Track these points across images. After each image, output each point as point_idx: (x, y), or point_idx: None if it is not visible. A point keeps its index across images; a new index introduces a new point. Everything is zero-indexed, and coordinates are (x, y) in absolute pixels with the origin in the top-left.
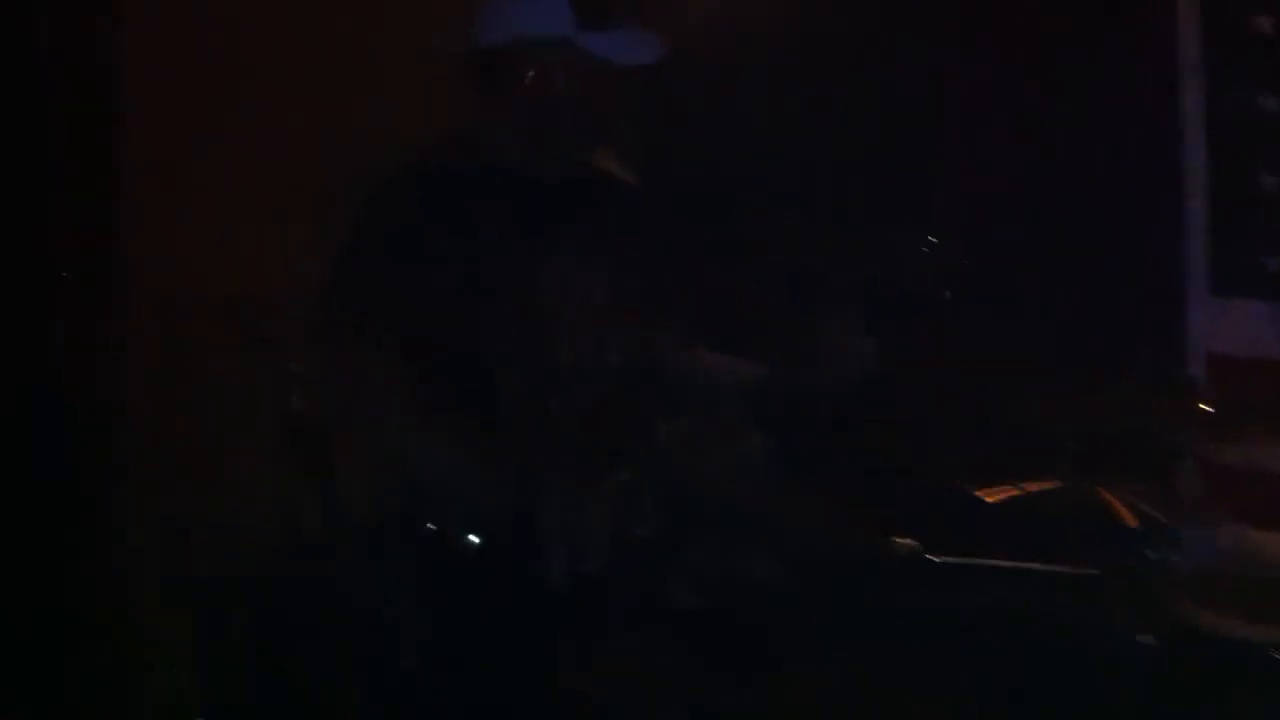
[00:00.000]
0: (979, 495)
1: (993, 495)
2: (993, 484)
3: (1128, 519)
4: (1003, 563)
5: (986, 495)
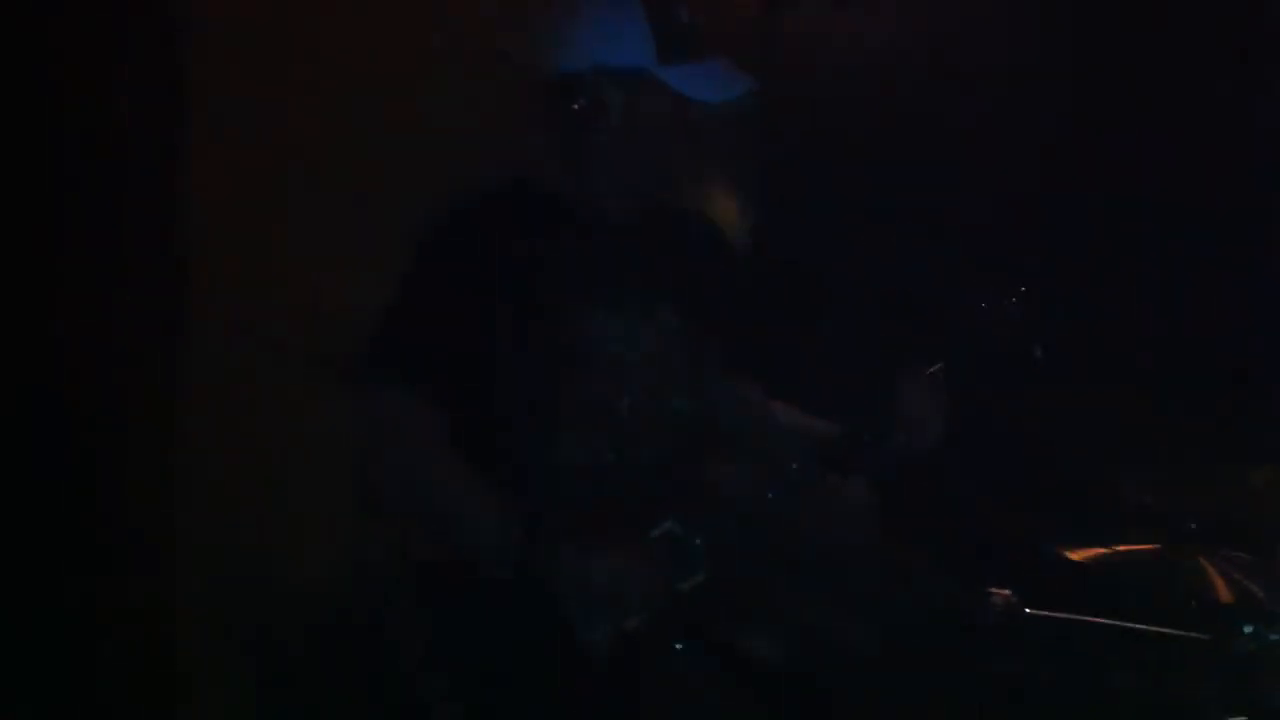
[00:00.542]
0: (1067, 553)
1: (1082, 553)
2: (1085, 543)
3: (1223, 592)
4: (1099, 619)
5: (1076, 553)
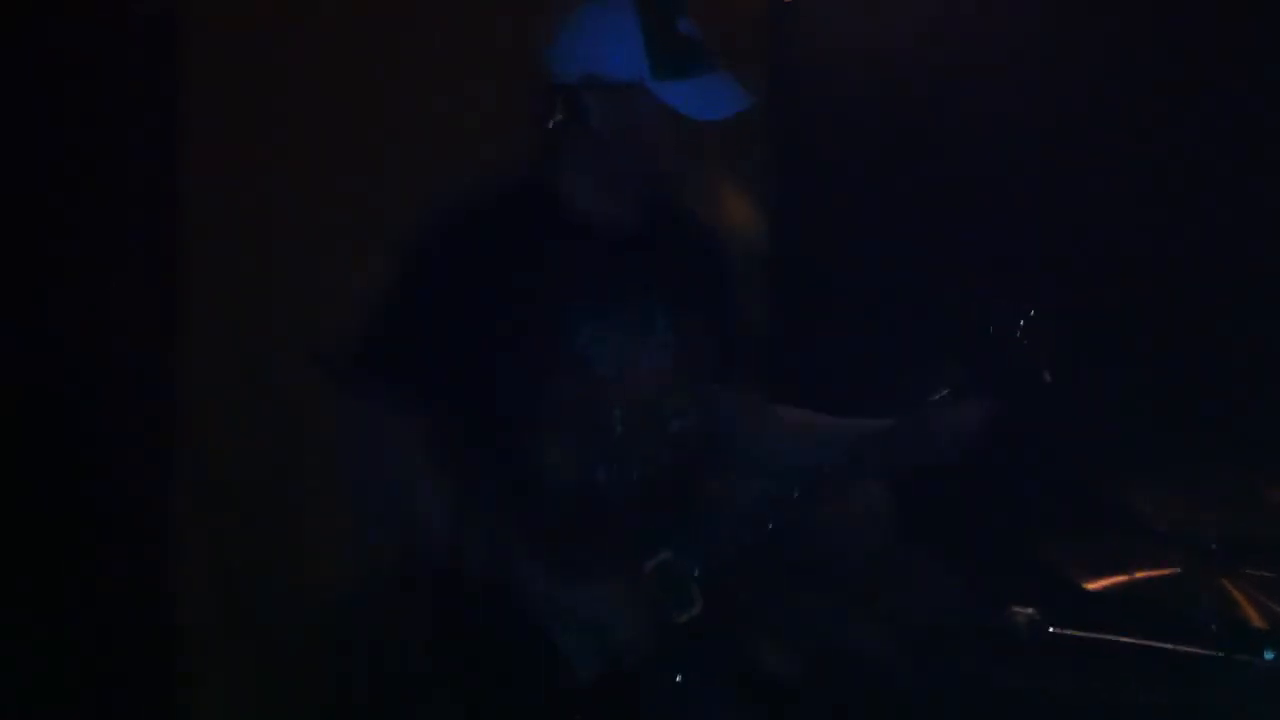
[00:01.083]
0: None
1: (1100, 580)
2: (1104, 565)
3: (1251, 615)
4: (1123, 639)
5: (1095, 578)
